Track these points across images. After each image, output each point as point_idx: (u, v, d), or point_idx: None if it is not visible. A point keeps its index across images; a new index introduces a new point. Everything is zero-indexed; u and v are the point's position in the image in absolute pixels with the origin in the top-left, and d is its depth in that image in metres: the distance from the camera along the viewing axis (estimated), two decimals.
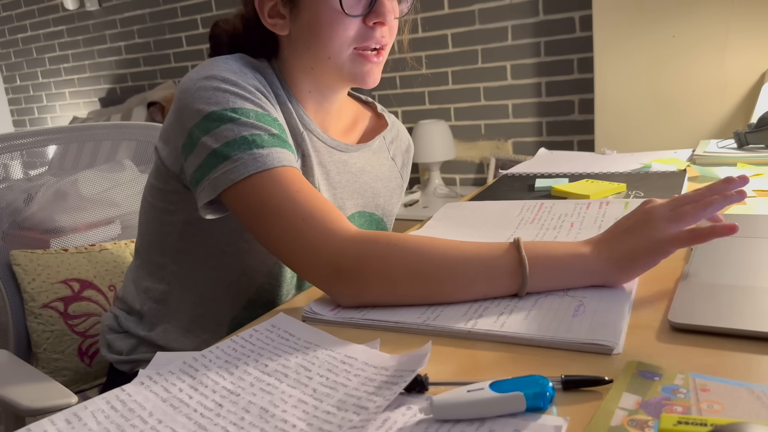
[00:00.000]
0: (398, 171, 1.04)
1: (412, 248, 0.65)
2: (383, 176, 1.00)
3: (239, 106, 0.74)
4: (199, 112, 0.74)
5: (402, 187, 1.06)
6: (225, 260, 0.85)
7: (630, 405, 0.43)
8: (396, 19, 0.84)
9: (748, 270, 0.64)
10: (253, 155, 0.71)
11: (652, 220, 0.62)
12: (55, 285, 1.14)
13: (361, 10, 0.79)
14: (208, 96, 0.74)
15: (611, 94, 2.17)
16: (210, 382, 0.53)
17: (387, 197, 1.01)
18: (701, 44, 2.00)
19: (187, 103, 0.75)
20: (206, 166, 0.73)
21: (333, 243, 0.67)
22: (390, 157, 1.02)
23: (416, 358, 0.51)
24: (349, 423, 0.45)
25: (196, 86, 0.76)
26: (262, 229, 0.71)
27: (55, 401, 0.78)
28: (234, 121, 0.73)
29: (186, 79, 0.78)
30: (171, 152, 0.80)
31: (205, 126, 0.73)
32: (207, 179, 0.72)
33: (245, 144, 0.71)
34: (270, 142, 0.73)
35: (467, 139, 2.93)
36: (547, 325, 0.56)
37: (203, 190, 0.73)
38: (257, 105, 0.76)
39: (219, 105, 0.74)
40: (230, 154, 0.71)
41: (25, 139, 1.19)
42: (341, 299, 0.67)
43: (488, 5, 2.72)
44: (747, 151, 1.22)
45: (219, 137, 0.72)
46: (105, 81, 4.09)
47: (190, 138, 0.74)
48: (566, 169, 1.24)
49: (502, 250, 0.64)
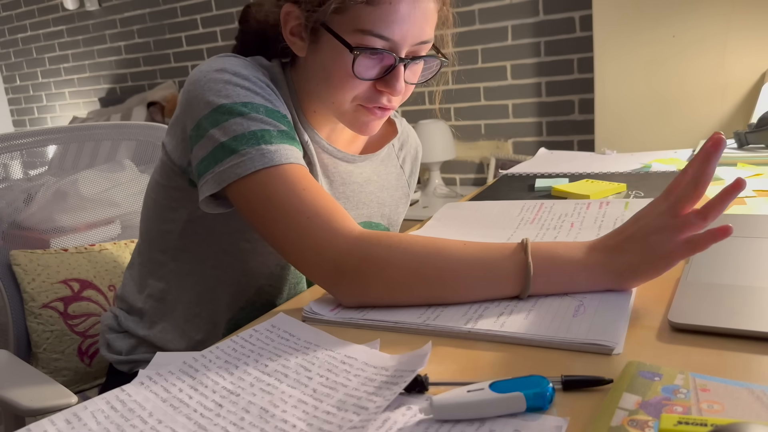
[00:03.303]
0: (405, 180, 1.03)
1: (416, 250, 0.65)
2: (389, 185, 0.99)
3: (249, 101, 0.74)
4: (209, 104, 0.73)
5: (408, 195, 1.05)
6: (226, 260, 0.85)
7: (630, 405, 0.43)
8: (412, 84, 0.80)
9: (748, 270, 0.64)
10: (261, 151, 0.71)
11: (657, 232, 0.59)
12: (54, 285, 1.14)
13: (374, 75, 0.76)
14: (218, 89, 0.74)
15: (611, 94, 2.17)
16: (210, 382, 0.53)
17: (393, 207, 1.00)
18: (701, 44, 2.00)
19: (197, 94, 0.75)
20: (212, 158, 0.72)
21: (337, 243, 0.67)
22: (399, 165, 1.01)
23: (416, 358, 0.51)
24: (349, 423, 0.45)
25: (206, 78, 0.75)
26: (266, 225, 0.71)
27: (55, 401, 0.78)
28: (243, 116, 0.72)
29: (196, 71, 0.78)
30: (178, 144, 0.80)
31: (215, 118, 0.73)
32: (212, 172, 0.72)
33: (254, 139, 0.71)
34: (278, 138, 0.72)
35: (467, 139, 2.93)
36: (547, 325, 0.56)
37: (206, 182, 0.73)
38: (267, 100, 0.76)
39: (229, 98, 0.73)
40: (238, 149, 0.71)
41: (25, 139, 1.19)
42: (343, 299, 0.67)
43: (488, 5, 2.71)
44: (747, 151, 1.22)
45: (227, 131, 0.72)
46: (105, 81, 4.09)
47: (198, 129, 0.74)
48: (566, 169, 1.24)
49: (507, 254, 0.63)
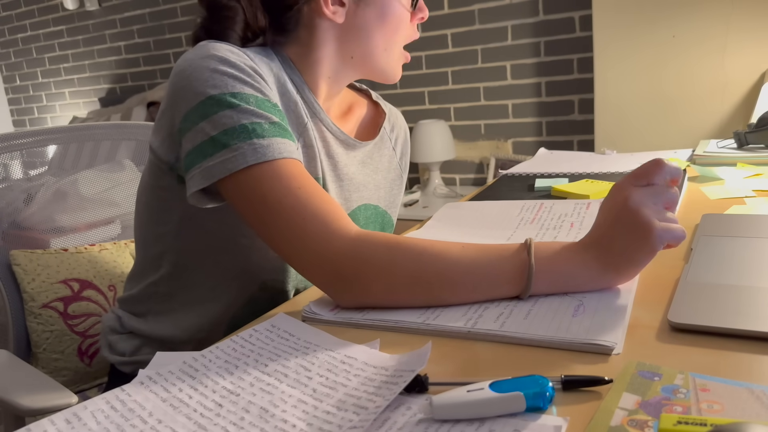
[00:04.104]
0: (397, 162, 1.04)
1: (415, 254, 0.64)
2: (383, 168, 1.00)
3: (238, 91, 0.71)
4: (197, 96, 0.71)
5: (402, 177, 1.06)
6: (225, 257, 0.84)
7: (630, 405, 0.43)
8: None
9: (748, 270, 0.64)
10: (253, 145, 0.68)
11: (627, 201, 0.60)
12: (54, 285, 1.14)
13: (409, 5, 0.86)
14: (206, 78, 0.71)
15: (611, 94, 2.17)
16: (210, 382, 0.53)
17: (388, 189, 1.01)
18: (701, 44, 2.00)
19: (184, 85, 0.72)
20: (200, 152, 0.70)
21: (334, 245, 0.66)
22: (391, 147, 1.03)
23: (416, 358, 0.51)
24: (349, 423, 0.45)
25: (192, 67, 0.73)
26: (262, 224, 0.69)
27: (56, 401, 0.78)
28: (233, 108, 0.70)
29: (181, 60, 0.75)
30: (165, 139, 0.77)
31: (203, 111, 0.70)
32: (199, 166, 0.70)
33: (245, 133, 0.69)
34: (270, 131, 0.70)
35: (467, 139, 2.93)
36: (547, 325, 0.56)
37: (194, 177, 0.70)
38: (257, 89, 0.73)
39: (217, 89, 0.71)
40: (229, 143, 0.69)
41: (25, 139, 1.19)
42: (341, 301, 0.67)
43: (488, 5, 2.72)
44: (747, 151, 1.22)
45: (217, 124, 0.69)
46: (105, 81, 4.09)
47: (186, 122, 0.72)
48: (566, 169, 1.24)
49: (507, 255, 0.62)
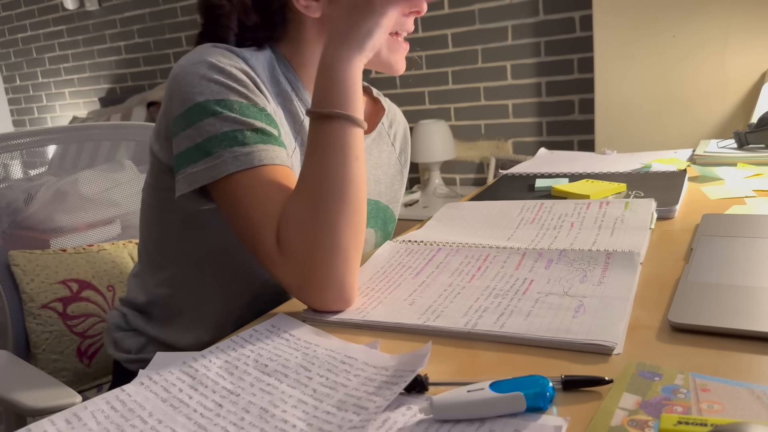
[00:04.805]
0: (396, 158, 1.05)
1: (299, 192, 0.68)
2: (383, 163, 1.01)
3: (224, 98, 0.73)
4: (185, 102, 0.74)
5: (402, 173, 1.06)
6: (226, 257, 0.84)
7: (630, 405, 0.43)
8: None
9: (748, 270, 0.64)
10: (234, 153, 0.70)
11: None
12: (53, 285, 1.14)
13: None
14: (194, 84, 0.74)
15: (611, 94, 2.17)
16: (210, 382, 0.53)
17: (388, 184, 1.02)
18: (701, 44, 2.00)
19: (175, 89, 0.75)
20: (185, 157, 0.72)
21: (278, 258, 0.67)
22: (390, 142, 1.03)
23: (416, 358, 0.51)
24: (349, 423, 0.45)
25: (184, 72, 0.75)
26: (236, 231, 0.72)
27: (59, 401, 0.78)
28: (216, 115, 0.72)
29: (176, 65, 0.78)
30: (163, 142, 0.80)
31: (190, 117, 0.73)
32: (185, 172, 0.72)
33: (226, 141, 0.71)
34: (252, 138, 0.72)
35: (467, 139, 2.93)
36: (547, 325, 0.56)
37: (179, 181, 0.73)
38: (242, 96, 0.75)
39: (203, 96, 0.73)
40: (212, 151, 0.71)
41: (25, 139, 1.19)
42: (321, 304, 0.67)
43: (488, 5, 2.71)
44: (747, 151, 1.22)
45: (201, 131, 0.72)
46: (105, 81, 4.09)
47: (175, 127, 0.74)
48: (566, 169, 1.24)
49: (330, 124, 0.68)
